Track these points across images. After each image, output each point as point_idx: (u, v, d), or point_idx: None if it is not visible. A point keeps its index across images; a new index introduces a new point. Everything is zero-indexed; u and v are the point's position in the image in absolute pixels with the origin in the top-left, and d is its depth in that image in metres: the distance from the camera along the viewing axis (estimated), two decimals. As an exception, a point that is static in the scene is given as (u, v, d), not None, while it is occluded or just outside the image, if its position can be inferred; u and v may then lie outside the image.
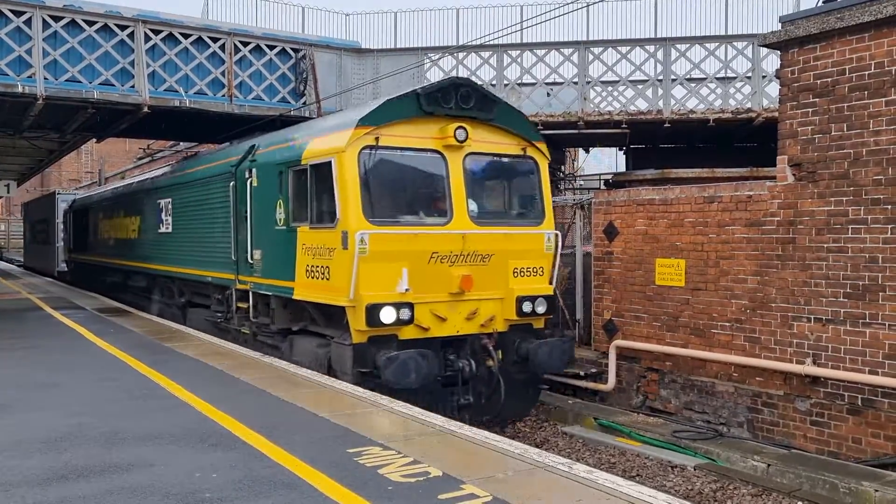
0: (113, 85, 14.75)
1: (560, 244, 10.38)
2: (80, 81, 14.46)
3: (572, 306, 12.31)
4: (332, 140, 9.13)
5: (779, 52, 9.03)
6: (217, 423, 6.39)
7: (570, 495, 4.56)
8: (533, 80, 16.92)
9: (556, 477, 4.91)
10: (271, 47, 16.52)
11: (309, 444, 5.66)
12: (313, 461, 5.22)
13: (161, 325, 13.51)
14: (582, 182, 23.56)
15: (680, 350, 10.05)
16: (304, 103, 16.56)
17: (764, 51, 14.18)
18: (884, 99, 7.90)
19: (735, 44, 16.02)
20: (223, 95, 15.86)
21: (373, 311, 8.57)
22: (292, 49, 16.77)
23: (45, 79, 14.12)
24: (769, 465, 8.13)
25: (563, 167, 21.51)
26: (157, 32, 15.19)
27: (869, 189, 8.02)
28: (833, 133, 8.34)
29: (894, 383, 7.76)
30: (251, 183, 11.10)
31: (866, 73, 8.06)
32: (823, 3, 8.84)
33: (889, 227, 7.85)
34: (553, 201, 14.25)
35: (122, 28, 14.86)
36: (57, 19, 14.23)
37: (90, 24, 14.53)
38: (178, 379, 8.27)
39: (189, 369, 9.01)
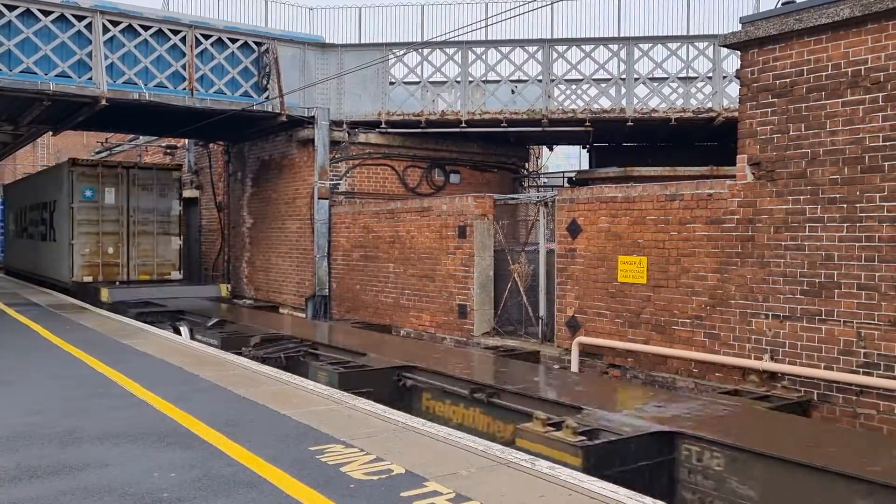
0: (70, 77, 14.45)
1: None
2: (35, 73, 14.13)
3: (535, 303, 12.36)
4: None
5: (739, 52, 9.15)
6: (176, 421, 6.29)
7: (532, 491, 4.57)
8: (497, 78, 16.95)
9: (519, 473, 4.92)
10: (233, 40, 16.31)
11: (270, 442, 5.60)
12: (274, 459, 5.16)
13: (119, 323, 13.26)
14: (546, 180, 23.68)
15: (641, 346, 10.14)
16: (268, 98, 16.39)
17: (724, 51, 14.37)
18: (840, 100, 8.05)
19: (697, 44, 16.22)
20: (184, 89, 15.63)
21: None
22: (255, 42, 16.59)
23: (-1, 69, 13.78)
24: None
25: (527, 165, 21.60)
26: (115, 24, 14.92)
27: (825, 188, 8.18)
28: (791, 133, 8.48)
29: (849, 378, 7.93)
30: None
31: (823, 74, 8.20)
32: (782, 4, 8.98)
33: (845, 225, 8.01)
34: (517, 198, 14.34)
35: (80, 18, 14.55)
36: (11, 9, 13.88)
37: (46, 13, 14.20)
38: (136, 376, 8.13)
39: (147, 366, 8.87)
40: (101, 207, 19.07)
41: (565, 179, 21.59)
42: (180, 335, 13.03)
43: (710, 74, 16.17)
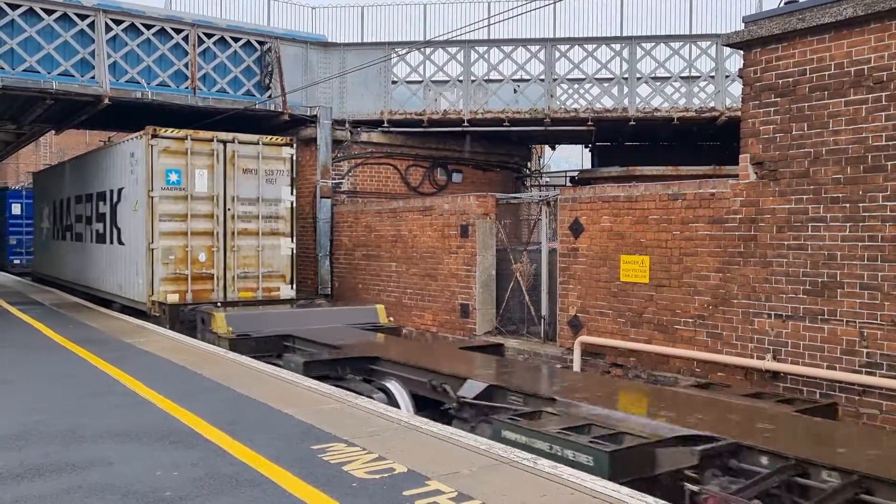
0: (73, 76, 14.47)
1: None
2: (38, 71, 14.15)
3: (538, 302, 12.36)
4: None
5: (742, 51, 9.13)
6: (178, 420, 6.30)
7: (535, 490, 4.57)
8: (500, 77, 16.95)
9: (521, 472, 4.92)
10: (236, 39, 16.33)
11: (272, 441, 5.60)
12: (277, 458, 5.17)
13: (121, 322, 13.27)
14: (548, 179, 23.69)
15: (644, 346, 10.13)
16: (270, 97, 16.40)
17: (727, 50, 14.36)
18: (843, 99, 8.04)
19: (699, 43, 16.21)
20: (186, 87, 15.65)
21: None
22: (257, 41, 16.60)
23: (2, 69, 13.80)
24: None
25: (529, 164, 21.60)
26: (118, 23, 14.94)
27: (828, 187, 8.17)
28: (794, 132, 8.47)
29: (852, 378, 7.92)
30: None
31: (826, 73, 8.19)
32: (785, 3, 8.97)
33: (847, 225, 8.00)
34: (519, 198, 14.34)
35: (83, 17, 14.57)
36: (14, 7, 13.90)
37: (49, 12, 14.22)
38: (139, 375, 8.13)
39: (150, 365, 8.88)
40: (189, 197, 13.65)
41: (567, 179, 21.60)
42: (395, 405, 8.03)
43: (713, 74, 16.16)
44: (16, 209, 29.76)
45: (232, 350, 10.40)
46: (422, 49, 16.99)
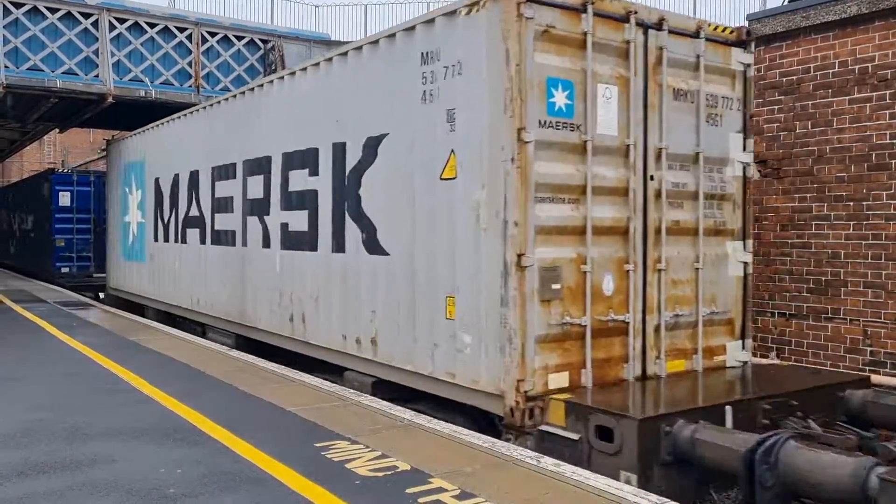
0: (76, 74, 14.49)
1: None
2: (42, 70, 14.18)
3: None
4: None
5: (745, 49, 9.13)
6: (182, 417, 6.31)
7: (538, 488, 4.58)
8: (503, 75, 16.92)
9: (525, 470, 4.92)
10: (239, 38, 16.35)
11: (276, 439, 5.61)
12: (280, 456, 5.18)
13: (126, 320, 13.30)
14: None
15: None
16: (273, 95, 16.40)
17: (731, 48, 14.31)
18: (847, 97, 8.03)
19: (703, 41, 16.16)
20: (190, 86, 15.66)
21: None
22: (261, 40, 16.61)
23: (6, 67, 13.83)
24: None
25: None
26: (122, 21, 14.95)
27: (832, 186, 8.16)
28: (798, 130, 8.46)
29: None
30: None
31: (830, 71, 8.18)
32: (789, 1, 8.96)
33: (851, 223, 7.99)
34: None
35: (87, 16, 14.59)
36: (18, 6, 13.93)
37: (53, 11, 14.25)
38: (143, 373, 8.15)
39: (154, 363, 8.90)
40: (589, 147, 6.15)
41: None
42: None
43: (717, 72, 16.10)
44: (64, 199, 21.88)
45: None
46: (425, 47, 16.97)
